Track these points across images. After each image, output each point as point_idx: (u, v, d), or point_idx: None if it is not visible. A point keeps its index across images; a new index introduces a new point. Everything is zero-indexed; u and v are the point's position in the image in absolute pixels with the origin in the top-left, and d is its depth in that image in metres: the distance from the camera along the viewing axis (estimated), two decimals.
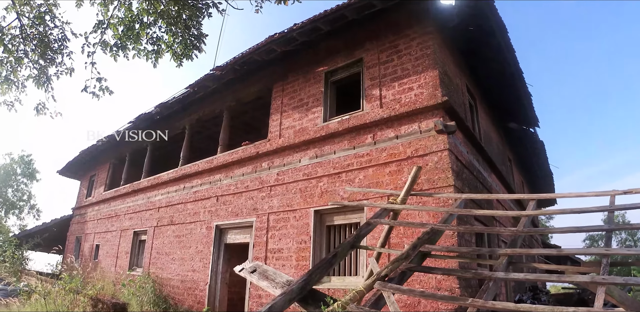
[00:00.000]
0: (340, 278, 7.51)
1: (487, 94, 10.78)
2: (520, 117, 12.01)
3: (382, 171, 7.36)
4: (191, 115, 12.62)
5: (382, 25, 8.24)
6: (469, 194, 6.00)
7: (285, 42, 9.02)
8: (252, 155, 9.73)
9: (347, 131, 8.02)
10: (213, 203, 10.54)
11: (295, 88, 9.46)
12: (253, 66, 10.05)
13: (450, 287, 6.07)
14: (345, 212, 7.77)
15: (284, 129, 9.32)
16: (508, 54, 8.82)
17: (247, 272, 5.63)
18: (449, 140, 6.84)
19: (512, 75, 9.53)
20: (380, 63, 8.04)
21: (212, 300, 9.83)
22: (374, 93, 7.91)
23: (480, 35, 8.31)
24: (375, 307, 4.09)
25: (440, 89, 7.12)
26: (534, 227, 9.55)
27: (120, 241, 14.57)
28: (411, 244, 4.83)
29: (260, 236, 8.90)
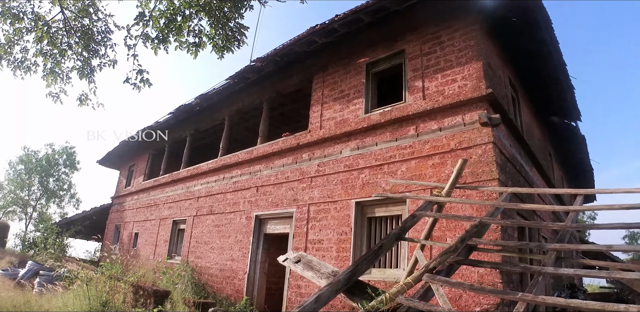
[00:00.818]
0: (381, 270, 7.69)
1: (529, 87, 10.67)
2: (562, 110, 11.80)
3: (425, 163, 7.48)
4: (230, 106, 13.00)
5: (424, 16, 8.28)
6: (514, 188, 6.00)
7: (326, 34, 9.19)
8: (293, 146, 10.02)
9: (389, 123, 8.16)
10: (253, 193, 10.91)
11: (336, 79, 9.66)
12: (293, 58, 10.29)
13: (492, 281, 6.15)
14: (387, 204, 7.94)
15: (325, 120, 9.55)
16: (552, 47, 8.71)
17: (291, 262, 5.79)
18: (493, 133, 6.88)
19: (555, 68, 9.40)
20: (422, 54, 8.13)
21: (250, 289, 10.14)
22: (416, 85, 8.02)
23: (524, 27, 8.24)
24: (424, 299, 4.09)
25: (484, 81, 7.16)
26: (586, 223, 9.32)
27: (159, 229, 15.19)
28: (459, 237, 4.87)
29: (300, 227, 9.18)
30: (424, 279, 4.23)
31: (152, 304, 7.49)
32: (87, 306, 7.47)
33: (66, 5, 6.88)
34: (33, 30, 6.82)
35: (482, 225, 5.12)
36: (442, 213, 5.91)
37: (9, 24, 6.76)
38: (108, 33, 7.09)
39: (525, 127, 9.87)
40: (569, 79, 9.99)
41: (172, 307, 8.02)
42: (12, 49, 6.97)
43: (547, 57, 9.04)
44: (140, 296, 7.86)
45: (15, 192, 28.81)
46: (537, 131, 11.74)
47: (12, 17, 6.68)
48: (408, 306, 3.90)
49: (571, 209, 4.98)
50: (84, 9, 6.87)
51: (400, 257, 7.56)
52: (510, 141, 7.90)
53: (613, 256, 16.90)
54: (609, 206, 5.43)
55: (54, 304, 8.18)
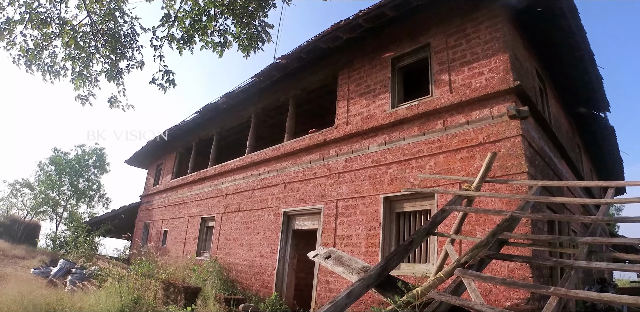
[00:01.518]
0: (410, 265, 7.78)
1: (556, 78, 10.56)
2: (590, 101, 11.60)
3: (453, 157, 7.55)
4: (256, 104, 13.30)
5: (448, 9, 8.36)
6: (545, 181, 5.98)
7: (351, 29, 9.34)
8: (320, 142, 10.21)
9: (416, 117, 8.26)
10: (281, 190, 11.15)
11: (362, 75, 9.81)
12: (318, 54, 10.46)
13: (523, 276, 6.17)
14: (415, 199, 8.02)
15: (351, 116, 9.71)
16: (579, 37, 8.62)
17: (322, 257, 5.99)
18: (521, 125, 6.89)
19: (583, 58, 9.30)
20: (448, 48, 8.20)
21: (279, 285, 10.34)
22: (442, 78, 8.10)
23: (550, 17, 8.18)
24: (455, 293, 4.19)
25: (512, 73, 7.18)
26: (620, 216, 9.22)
27: (188, 227, 15.61)
28: (490, 231, 4.93)
29: (328, 223, 9.33)
30: (455, 274, 4.36)
31: (183, 300, 7.62)
32: (119, 302, 7.67)
33: (92, 9, 7.05)
34: (60, 35, 7.00)
35: (513, 219, 5.15)
36: (472, 207, 5.97)
37: (37, 29, 6.94)
38: (134, 35, 7.23)
39: (554, 119, 9.81)
40: (597, 69, 9.86)
41: (203, 303, 8.20)
42: (41, 54, 7.14)
43: (573, 47, 8.96)
44: (171, 293, 8.04)
45: (45, 193, 29.79)
46: (565, 123, 11.62)
47: (40, 23, 6.86)
48: (440, 300, 4.00)
49: (602, 202, 5.00)
50: (110, 13, 7.03)
51: (429, 252, 7.64)
52: (538, 134, 7.90)
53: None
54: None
55: (86, 301, 8.39)
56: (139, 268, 8.56)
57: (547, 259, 5.10)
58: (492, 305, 6.28)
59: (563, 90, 11.15)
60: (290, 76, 11.56)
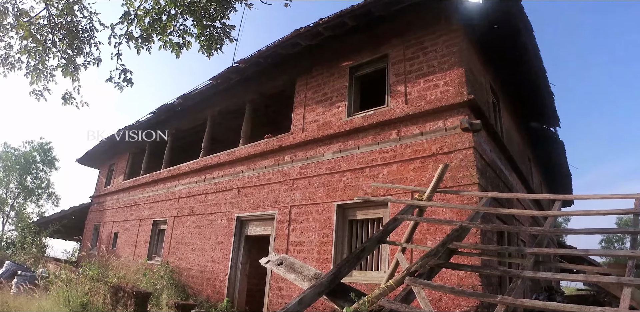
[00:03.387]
0: (362, 273, 7.65)
1: (509, 93, 10.76)
2: (541, 116, 11.94)
3: (406, 167, 7.46)
4: (213, 107, 12.80)
5: (408, 21, 8.28)
6: (494, 193, 6.04)
7: (311, 36, 9.10)
8: (275, 148, 9.90)
9: (372, 127, 8.13)
10: (234, 195, 10.75)
11: (319, 82, 9.58)
12: (277, 60, 10.16)
13: (472, 284, 6.16)
14: (368, 207, 7.90)
15: (307, 122, 9.46)
16: (533, 54, 8.80)
17: (274, 264, 5.78)
18: (474, 138, 6.91)
19: (536, 75, 9.51)
20: (405, 59, 8.11)
21: (231, 291, 10.00)
22: (399, 89, 7.99)
23: (506, 34, 8.30)
24: (405, 301, 4.16)
25: (466, 86, 7.18)
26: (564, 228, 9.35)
27: (139, 230, 14.89)
28: (440, 240, 4.92)
29: (281, 229, 9.08)
30: (405, 282, 4.31)
31: (133, 305, 7.27)
32: (66, 307, 7.32)
33: (50, 1, 6.65)
34: (16, 27, 6.56)
35: (463, 229, 5.17)
36: (424, 217, 5.95)
37: None
38: (93, 31, 6.89)
39: (506, 133, 9.93)
40: (548, 85, 10.10)
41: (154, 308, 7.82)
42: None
43: (527, 64, 9.12)
44: (120, 298, 7.64)
45: None
46: (517, 136, 11.84)
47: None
48: (390, 308, 3.97)
49: (549, 214, 5.06)
50: (69, 6, 6.65)
51: (381, 259, 7.53)
52: (490, 146, 7.93)
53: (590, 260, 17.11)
54: (586, 212, 5.48)
55: (32, 304, 7.97)
56: (89, 271, 8.25)
57: (496, 268, 5.15)
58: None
59: (516, 105, 11.37)
60: (248, 80, 11.18)
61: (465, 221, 5.32)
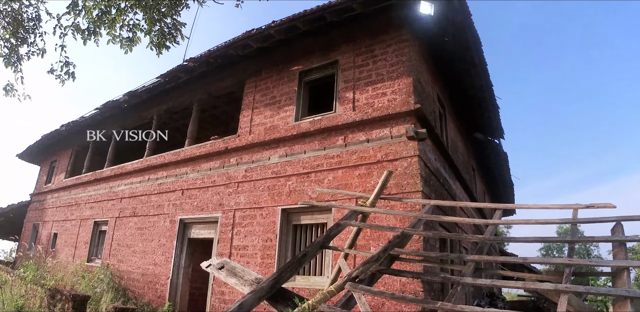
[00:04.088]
0: (305, 278, 7.50)
1: (456, 104, 10.93)
2: (486, 128, 12.21)
3: (351, 173, 7.36)
4: (160, 105, 12.23)
5: (360, 29, 8.21)
6: (437, 201, 6.07)
7: (262, 39, 8.84)
8: (221, 150, 9.54)
9: (319, 132, 7.97)
10: (178, 196, 10.29)
11: (269, 85, 9.32)
12: (227, 60, 9.82)
13: (414, 290, 6.15)
14: (312, 212, 7.75)
15: (255, 125, 9.17)
16: (480, 67, 8.96)
17: (215, 268, 5.57)
18: (419, 146, 6.91)
19: (482, 88, 9.69)
20: (355, 66, 8.02)
21: (173, 295, 9.61)
22: (347, 96, 7.88)
23: (455, 47, 8.40)
24: (346, 307, 4.09)
25: (413, 96, 7.18)
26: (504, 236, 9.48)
27: (80, 230, 14.03)
28: (382, 247, 4.87)
29: (225, 232, 8.76)
30: (346, 288, 4.22)
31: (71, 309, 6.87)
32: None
33: None
34: None
35: (404, 235, 5.17)
36: (366, 223, 5.91)
37: None
38: (38, 20, 6.45)
39: (451, 142, 10.06)
40: (494, 98, 10.33)
41: None
42: None
43: (475, 77, 9.27)
44: (57, 301, 7.19)
45: None
46: (462, 146, 12.05)
47: None
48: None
49: (490, 222, 5.10)
50: None
51: (324, 265, 7.41)
52: (435, 155, 7.96)
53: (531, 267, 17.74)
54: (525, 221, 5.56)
55: None
56: (25, 273, 7.79)
57: (436, 275, 5.11)
58: None
59: (462, 116, 11.56)
60: (197, 80, 10.73)
61: (407, 227, 5.31)
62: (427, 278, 4.85)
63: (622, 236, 4.13)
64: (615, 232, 4.30)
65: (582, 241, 6.97)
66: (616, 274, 3.84)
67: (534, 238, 4.65)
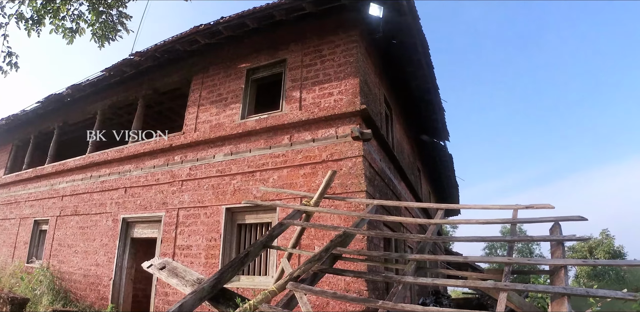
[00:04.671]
0: (250, 277, 7.37)
1: (403, 106, 11.05)
2: (432, 130, 12.45)
3: (296, 172, 7.29)
4: (104, 100, 11.68)
5: (309, 29, 8.15)
6: (380, 201, 6.09)
7: (210, 35, 8.60)
8: (165, 147, 9.20)
9: (265, 130, 7.84)
10: (121, 195, 9.86)
11: (215, 82, 9.07)
12: (174, 55, 9.49)
13: (358, 289, 6.16)
14: (257, 212, 7.63)
15: (200, 123, 8.91)
16: (427, 71, 9.10)
17: (156, 268, 5.33)
18: (364, 147, 6.92)
19: (429, 91, 9.85)
20: (303, 66, 7.94)
21: (116, 296, 9.25)
22: (294, 95, 7.79)
23: (403, 49, 8.48)
24: (287, 307, 4.04)
25: (360, 97, 7.18)
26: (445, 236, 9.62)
27: (19, 229, 13.20)
28: (324, 246, 4.82)
29: (168, 232, 8.48)
30: (288, 287, 4.15)
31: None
32: None
33: None
34: None
35: (346, 235, 5.14)
36: (309, 222, 5.85)
37: None
38: None
39: (397, 144, 10.15)
40: (440, 101, 10.53)
41: None
42: None
43: (421, 80, 9.40)
44: None
45: None
46: (408, 147, 12.21)
47: None
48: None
49: (432, 222, 5.16)
50: None
51: (269, 264, 7.31)
52: (380, 156, 8.00)
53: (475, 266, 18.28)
54: (467, 221, 5.65)
55: None
56: None
57: (378, 274, 5.11)
58: None
59: (409, 118, 11.71)
60: (143, 75, 10.32)
61: (350, 227, 5.30)
62: (368, 277, 4.88)
63: (559, 236, 4.23)
64: (553, 231, 4.41)
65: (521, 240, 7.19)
66: (554, 272, 3.93)
67: (475, 237, 4.74)
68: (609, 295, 3.34)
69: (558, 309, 3.28)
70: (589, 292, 3.42)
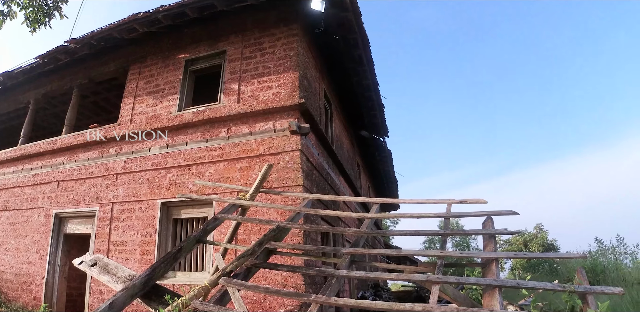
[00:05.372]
0: (186, 273, 7.30)
1: (343, 101, 11.20)
2: (371, 126, 12.69)
3: (233, 166, 7.28)
4: (38, 89, 11.17)
5: (251, 20, 8.15)
6: (316, 195, 6.18)
7: (149, 23, 8.41)
8: (100, 139, 8.94)
9: (202, 123, 7.78)
10: (54, 189, 9.50)
11: (153, 72, 8.90)
12: (111, 43, 9.19)
13: (295, 283, 6.22)
14: (193, 206, 7.55)
15: (136, 114, 8.70)
16: (367, 67, 9.27)
17: (87, 265, 5.29)
18: (301, 141, 6.99)
19: (369, 87, 10.04)
20: (243, 58, 7.93)
21: (49, 296, 8.92)
22: (232, 87, 7.76)
23: (344, 45, 8.60)
24: (220, 303, 4.03)
25: (299, 91, 7.25)
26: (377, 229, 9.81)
27: None
28: (257, 240, 4.85)
29: (103, 227, 8.26)
30: (220, 283, 4.17)
31: None
32: None
33: None
34: None
35: (281, 229, 5.18)
36: (245, 216, 5.85)
37: None
38: None
39: (336, 138, 10.29)
40: (380, 98, 10.75)
41: None
42: None
43: (362, 76, 9.56)
44: None
45: None
46: (348, 143, 12.39)
47: None
48: (203, 310, 3.77)
49: (367, 216, 5.31)
50: None
51: (205, 260, 7.26)
52: (319, 150, 8.09)
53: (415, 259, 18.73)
54: (401, 214, 5.82)
55: None
56: None
57: (311, 268, 5.20)
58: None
59: (349, 113, 11.87)
60: (78, 63, 9.94)
61: (285, 221, 5.34)
62: (302, 271, 4.94)
63: (491, 229, 4.42)
64: (485, 225, 4.59)
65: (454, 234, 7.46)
66: (486, 265, 4.10)
67: (409, 231, 4.90)
68: (539, 286, 3.52)
69: (490, 300, 3.44)
70: (519, 284, 3.59)
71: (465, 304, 4.19)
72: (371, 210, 5.69)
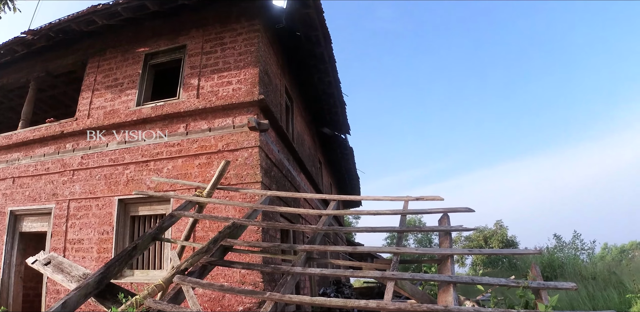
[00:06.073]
0: (144, 272, 7.27)
1: (305, 98, 11.28)
2: (333, 123, 12.83)
3: (191, 162, 7.30)
4: None
5: (212, 14, 8.16)
6: (274, 192, 6.21)
7: (108, 16, 8.32)
8: (57, 134, 8.79)
9: (160, 118, 7.77)
10: (8, 185, 9.30)
11: (112, 66, 8.82)
12: (70, 36, 9.05)
13: (254, 281, 6.26)
14: (151, 203, 7.53)
15: (94, 108, 8.61)
16: (329, 64, 9.38)
17: (41, 264, 5.25)
18: (260, 137, 7.05)
19: (330, 84, 10.15)
20: (203, 53, 7.94)
21: (4, 297, 8.73)
22: (192, 82, 7.76)
23: (306, 42, 8.67)
24: (175, 301, 4.04)
25: (259, 87, 7.30)
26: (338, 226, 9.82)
27: None
28: (212, 238, 4.90)
29: (59, 225, 8.15)
30: (174, 281, 4.20)
31: None
32: None
33: None
34: None
35: (237, 226, 5.24)
36: (200, 213, 5.86)
37: None
38: None
39: (297, 135, 10.37)
40: (341, 95, 10.87)
41: None
42: None
43: (323, 73, 9.66)
44: None
45: None
46: (309, 140, 12.49)
47: None
48: (157, 309, 3.80)
49: (324, 213, 5.39)
50: None
51: (164, 258, 7.24)
52: (279, 147, 8.15)
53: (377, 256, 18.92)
54: (358, 212, 5.92)
55: None
56: None
57: (267, 265, 5.24)
58: (224, 310, 6.19)
59: (310, 110, 11.97)
60: (36, 55, 9.75)
61: (241, 218, 5.38)
62: (257, 269, 4.97)
63: (447, 226, 4.55)
64: (442, 222, 4.72)
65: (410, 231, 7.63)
66: (441, 261, 4.19)
67: (365, 228, 5.03)
68: (493, 282, 3.63)
69: (445, 296, 3.52)
70: (474, 280, 3.72)
71: (423, 300, 4.30)
72: (328, 207, 5.75)
